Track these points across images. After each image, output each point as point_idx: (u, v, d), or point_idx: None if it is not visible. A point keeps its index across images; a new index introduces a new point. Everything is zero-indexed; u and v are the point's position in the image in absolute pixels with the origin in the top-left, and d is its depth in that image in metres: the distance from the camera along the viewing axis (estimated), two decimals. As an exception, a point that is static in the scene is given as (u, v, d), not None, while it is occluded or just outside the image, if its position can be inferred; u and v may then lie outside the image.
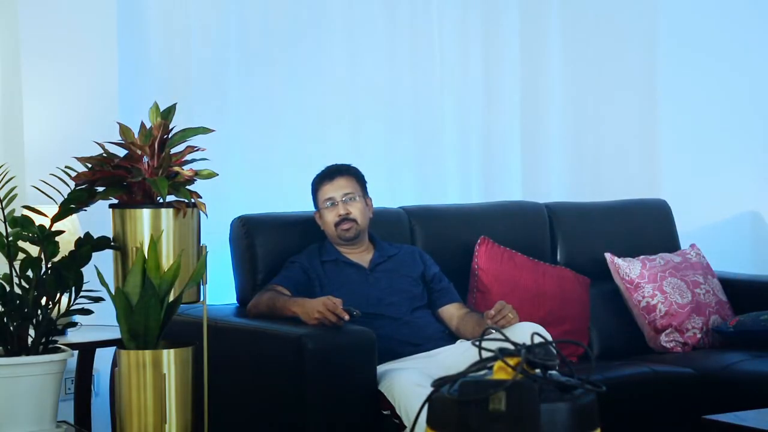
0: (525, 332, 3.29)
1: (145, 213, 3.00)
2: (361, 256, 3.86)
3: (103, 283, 3.03)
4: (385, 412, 3.36)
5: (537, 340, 1.85)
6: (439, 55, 4.78)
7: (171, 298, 2.98)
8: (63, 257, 3.03)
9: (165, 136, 3.07)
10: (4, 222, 3.05)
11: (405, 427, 3.29)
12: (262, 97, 4.43)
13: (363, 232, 3.86)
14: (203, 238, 3.20)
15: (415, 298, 3.79)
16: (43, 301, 3.03)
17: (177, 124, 3.17)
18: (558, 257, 4.49)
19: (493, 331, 1.90)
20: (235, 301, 3.99)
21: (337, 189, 3.80)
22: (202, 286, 3.11)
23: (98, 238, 3.05)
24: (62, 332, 3.63)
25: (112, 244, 3.06)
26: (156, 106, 3.18)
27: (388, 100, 4.67)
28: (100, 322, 3.55)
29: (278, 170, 4.41)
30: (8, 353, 3.01)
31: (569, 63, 5.04)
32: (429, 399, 1.83)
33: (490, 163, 4.89)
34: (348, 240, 3.83)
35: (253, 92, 4.40)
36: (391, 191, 4.60)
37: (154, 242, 2.95)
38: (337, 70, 4.58)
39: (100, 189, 3.05)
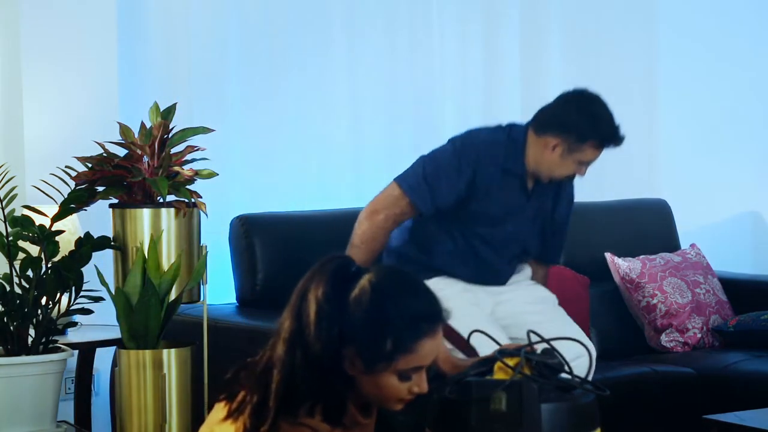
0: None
1: (145, 213, 3.00)
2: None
3: (103, 282, 3.03)
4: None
5: (534, 338, 1.85)
6: (439, 55, 4.76)
7: (171, 297, 2.98)
8: (63, 257, 3.03)
9: (165, 136, 3.07)
10: (4, 222, 3.05)
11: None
12: (262, 96, 4.42)
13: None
14: (203, 238, 3.20)
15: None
16: (43, 301, 3.03)
17: (177, 124, 3.17)
18: (558, 257, 4.47)
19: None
20: (235, 301, 3.99)
21: None
22: (202, 286, 3.11)
23: (98, 237, 3.05)
24: (62, 332, 3.63)
25: (112, 244, 3.06)
26: (156, 106, 3.18)
27: (389, 99, 4.66)
28: (100, 322, 3.55)
29: (278, 170, 4.40)
30: (8, 353, 3.01)
31: (569, 63, 5.03)
32: (429, 399, 1.83)
33: (490, 162, 4.87)
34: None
35: (253, 92, 4.39)
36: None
37: (154, 242, 2.95)
38: (338, 70, 4.57)
39: (100, 189, 3.05)
